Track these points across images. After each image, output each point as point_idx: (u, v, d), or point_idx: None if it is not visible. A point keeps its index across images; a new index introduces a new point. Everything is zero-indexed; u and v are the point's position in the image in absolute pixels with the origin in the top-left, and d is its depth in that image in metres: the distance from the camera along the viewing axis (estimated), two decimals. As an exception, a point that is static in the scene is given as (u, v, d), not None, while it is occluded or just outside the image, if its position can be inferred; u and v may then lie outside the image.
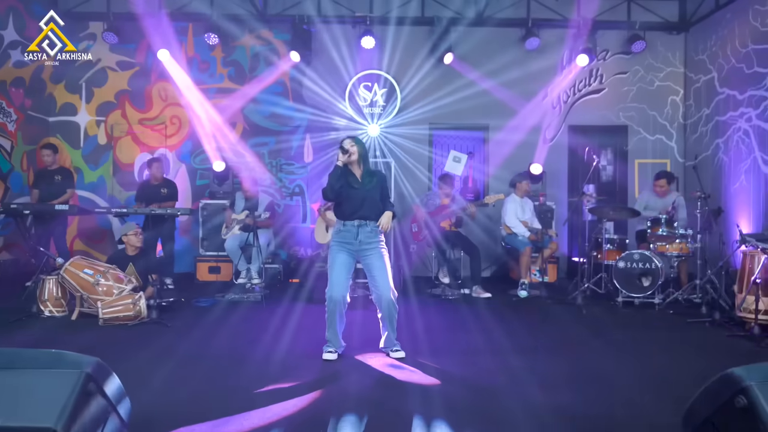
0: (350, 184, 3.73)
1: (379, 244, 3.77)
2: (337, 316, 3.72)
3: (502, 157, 7.61)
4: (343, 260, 3.74)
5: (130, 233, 5.40)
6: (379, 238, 3.77)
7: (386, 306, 3.73)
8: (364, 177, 3.77)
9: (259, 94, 7.90)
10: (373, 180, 3.76)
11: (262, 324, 4.75)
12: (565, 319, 5.09)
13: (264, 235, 6.28)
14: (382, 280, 3.72)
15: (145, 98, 7.98)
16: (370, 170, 3.82)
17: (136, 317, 4.65)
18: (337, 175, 3.69)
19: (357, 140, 3.80)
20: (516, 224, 6.47)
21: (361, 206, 3.71)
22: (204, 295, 6.04)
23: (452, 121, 7.83)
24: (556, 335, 4.57)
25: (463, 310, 5.47)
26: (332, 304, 3.70)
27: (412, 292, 6.43)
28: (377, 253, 3.74)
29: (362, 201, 3.71)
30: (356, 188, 3.73)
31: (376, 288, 3.76)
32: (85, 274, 4.80)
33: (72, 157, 8.02)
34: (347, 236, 3.76)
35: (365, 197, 3.72)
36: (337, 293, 3.69)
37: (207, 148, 7.70)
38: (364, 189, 3.73)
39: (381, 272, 3.72)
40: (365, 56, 7.81)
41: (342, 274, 3.72)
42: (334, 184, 3.69)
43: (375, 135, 7.82)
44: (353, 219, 3.74)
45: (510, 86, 7.63)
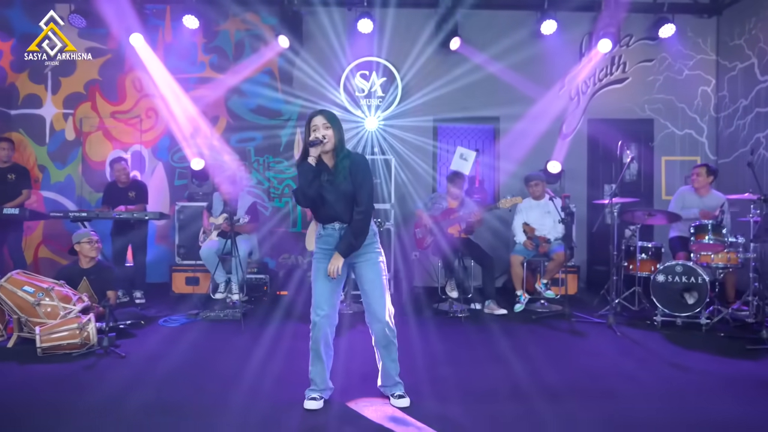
0: (324, 182, 2.91)
1: (372, 250, 2.96)
2: (323, 347, 2.94)
3: (515, 153, 6.81)
4: (324, 273, 2.94)
5: (84, 241, 4.61)
6: (369, 241, 2.95)
7: (380, 332, 2.95)
8: (337, 166, 2.91)
9: (244, 85, 7.10)
10: (346, 166, 2.88)
11: (238, 353, 3.94)
12: (597, 345, 4.29)
13: (245, 243, 5.48)
14: (375, 298, 2.93)
15: (117, 89, 7.17)
16: (346, 153, 2.92)
17: (84, 345, 3.84)
18: (310, 177, 2.85)
19: (330, 117, 2.89)
20: (516, 230, 5.73)
21: (336, 206, 2.90)
22: (176, 311, 5.25)
23: (459, 114, 7.03)
24: (592, 368, 3.76)
25: (475, 333, 4.67)
26: (316, 330, 2.92)
27: (416, 307, 5.64)
28: (368, 262, 2.95)
29: (337, 200, 2.90)
30: (331, 184, 2.91)
31: (367, 307, 2.98)
32: (24, 292, 4.00)
33: (37, 155, 7.21)
34: (329, 242, 2.97)
35: (340, 194, 2.89)
36: (320, 317, 2.90)
37: (184, 145, 6.89)
38: (338, 183, 2.89)
39: (373, 287, 2.93)
40: (362, 42, 7.01)
41: (326, 290, 2.93)
42: (306, 190, 2.86)
43: (373, 129, 7.02)
44: (332, 222, 2.95)
45: (523, 75, 6.84)
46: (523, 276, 5.56)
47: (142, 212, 5.31)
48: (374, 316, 2.94)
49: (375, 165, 6.62)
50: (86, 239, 4.59)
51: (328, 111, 2.94)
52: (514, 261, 5.56)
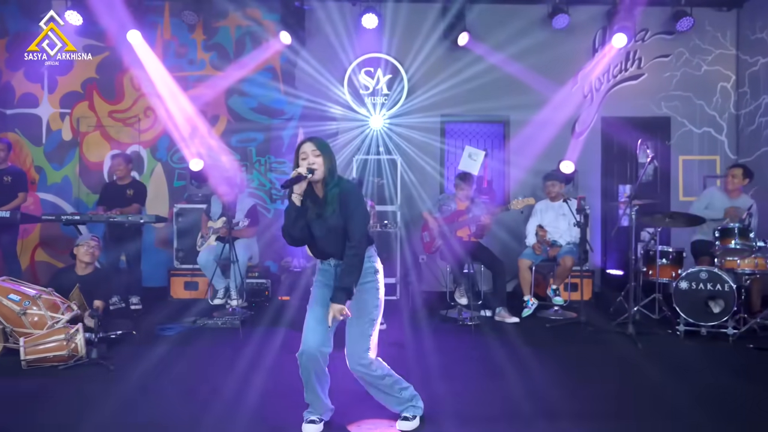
0: (311, 218, 2.64)
1: (366, 289, 2.65)
2: (314, 376, 2.64)
3: (526, 153, 6.54)
4: (323, 297, 2.67)
5: (81, 244, 4.39)
6: (368, 279, 2.65)
7: (355, 371, 2.67)
8: (327, 196, 2.60)
9: (245, 83, 6.87)
10: (335, 194, 2.58)
11: (233, 366, 3.71)
12: (617, 356, 4.02)
13: (244, 247, 5.25)
14: (349, 340, 2.65)
15: (115, 88, 6.97)
16: (336, 182, 2.61)
17: (72, 357, 3.62)
18: (293, 216, 2.58)
19: (321, 145, 2.59)
20: (528, 232, 5.53)
21: (328, 242, 2.65)
22: (173, 318, 5.03)
23: (467, 113, 6.77)
24: (612, 383, 3.50)
25: (486, 342, 4.41)
26: (303, 359, 2.61)
27: (423, 314, 5.40)
28: (357, 299, 2.63)
29: (327, 236, 2.64)
30: (319, 218, 2.62)
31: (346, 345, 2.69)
32: (10, 300, 3.79)
33: (33, 156, 7.02)
34: (328, 276, 2.73)
35: (330, 230, 2.61)
36: (308, 346, 2.59)
37: (182, 145, 6.68)
38: (326, 218, 2.60)
39: (350, 328, 2.65)
40: (367, 38, 6.76)
41: (319, 315, 2.63)
42: (291, 231, 2.61)
43: (378, 127, 6.77)
44: (327, 258, 2.72)
45: (534, 72, 6.56)
46: (531, 280, 5.30)
47: (137, 215, 5.09)
48: (347, 357, 2.66)
49: (380, 165, 6.39)
50: (84, 242, 4.37)
51: (318, 138, 2.64)
52: (522, 265, 5.31)
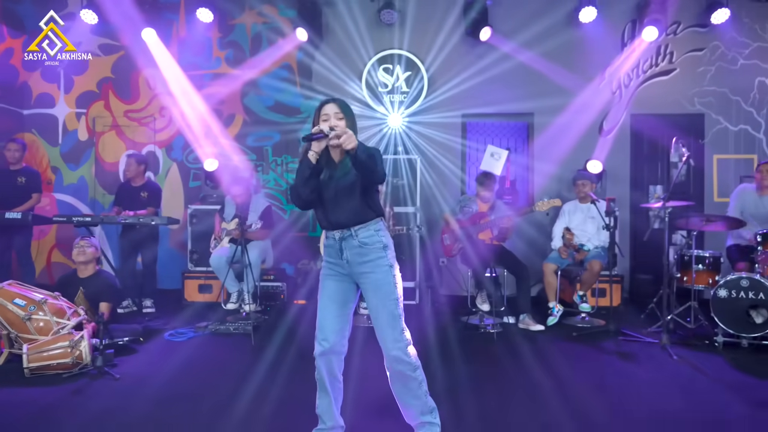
0: (324, 179, 2.46)
1: (377, 267, 2.44)
2: (328, 379, 2.48)
3: (551, 152, 6.27)
4: (332, 290, 2.51)
5: (82, 242, 4.27)
6: (377, 255, 2.44)
7: (390, 369, 2.47)
8: (344, 161, 2.45)
9: (261, 80, 6.73)
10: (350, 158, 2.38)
11: (242, 376, 3.53)
12: (650, 370, 3.74)
13: (256, 249, 5.09)
14: (379, 329, 2.45)
15: (131, 87, 6.89)
16: None
17: (76, 365, 3.49)
18: (306, 174, 2.39)
19: (344, 106, 2.46)
20: (555, 235, 5.27)
21: (336, 207, 2.46)
22: (185, 323, 4.90)
23: (489, 110, 6.50)
24: (645, 400, 3.23)
25: (508, 352, 4.16)
26: (318, 359, 2.46)
27: (442, 320, 5.17)
28: (373, 284, 2.44)
29: (335, 198, 2.45)
30: (330, 181, 2.45)
31: (375, 331, 2.48)
32: (15, 305, 3.67)
33: (50, 156, 6.98)
34: (332, 253, 2.53)
35: (339, 190, 2.44)
36: (322, 344, 2.44)
37: (195, 145, 6.56)
38: (337, 178, 2.44)
39: (377, 315, 2.45)
40: (384, 33, 6.56)
41: (330, 312, 2.47)
42: (300, 189, 2.41)
43: (396, 126, 6.56)
44: (331, 229, 2.51)
45: (560, 67, 6.28)
46: (556, 286, 5.04)
47: (149, 217, 4.97)
48: (381, 345, 2.47)
49: (399, 165, 6.18)
50: (76, 245, 4.25)
51: (341, 99, 2.51)
52: (547, 269, 5.05)
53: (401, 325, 2.46)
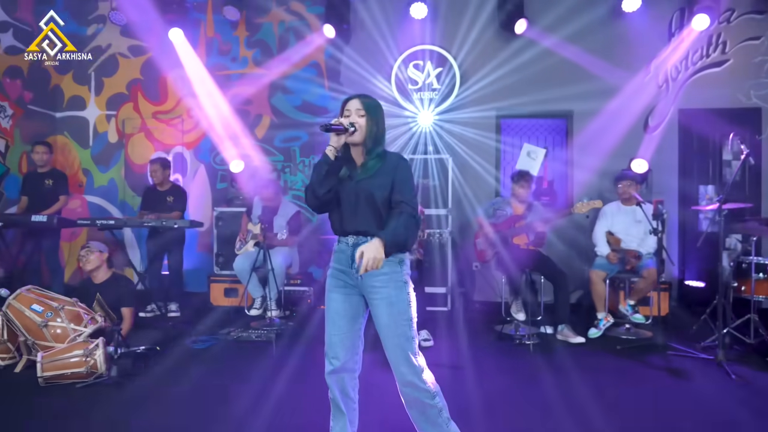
0: (343, 178, 2.26)
1: (390, 282, 2.20)
2: (341, 399, 2.27)
3: (592, 150, 5.88)
4: (340, 304, 2.27)
5: (82, 251, 4.19)
6: (392, 268, 2.19)
7: (405, 395, 2.22)
8: (366, 163, 2.26)
9: (288, 80, 6.58)
10: (377, 165, 2.23)
11: (258, 388, 3.35)
12: (705, 391, 3.38)
13: (281, 254, 4.92)
14: (389, 351, 2.20)
15: (159, 88, 6.85)
16: (380, 152, 2.27)
17: (91, 374, 3.38)
18: (323, 172, 2.19)
19: (369, 104, 2.26)
20: (598, 240, 4.90)
21: (354, 211, 2.23)
22: (209, 329, 4.76)
23: (526, 107, 6.15)
24: (701, 428, 2.89)
25: (546, 365, 3.85)
26: (329, 378, 2.26)
27: (475, 329, 4.90)
28: (383, 301, 2.18)
29: (355, 202, 2.23)
30: (350, 182, 2.25)
31: (386, 355, 2.23)
32: (32, 311, 3.59)
33: (81, 158, 7.01)
34: (342, 260, 2.29)
35: (361, 194, 2.22)
36: (332, 362, 2.24)
37: (221, 146, 6.46)
38: (359, 180, 2.24)
39: (387, 335, 2.19)
40: (415, 29, 6.30)
41: (339, 328, 2.25)
42: (317, 188, 2.20)
43: (427, 125, 6.29)
44: (346, 234, 2.28)
45: (602, 60, 5.88)
46: (605, 295, 4.69)
47: (171, 220, 4.87)
48: (394, 372, 2.22)
49: (429, 165, 5.92)
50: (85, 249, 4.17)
51: (368, 97, 2.32)
52: (595, 278, 4.70)
53: (415, 349, 2.22)
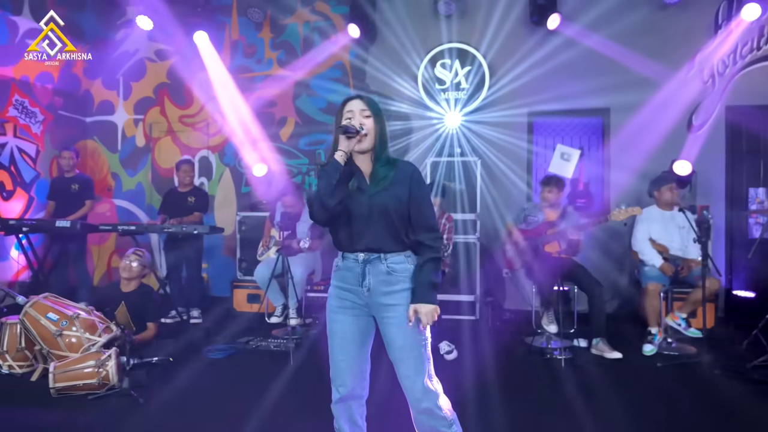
0: (352, 190, 2.05)
1: (404, 297, 2.03)
2: (348, 428, 2.10)
3: (631, 152, 5.55)
4: (347, 327, 2.08)
5: (131, 254, 4.13)
6: (405, 285, 2.04)
7: (418, 422, 2.05)
8: (377, 174, 2.07)
9: (313, 81, 6.47)
10: (389, 175, 2.04)
11: (272, 403, 3.21)
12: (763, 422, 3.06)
13: (303, 262, 4.77)
14: (405, 373, 2.01)
15: (185, 92, 6.83)
16: (388, 159, 2.09)
17: (103, 386, 3.30)
18: (334, 180, 1.96)
19: (371, 104, 2.09)
20: (645, 248, 4.48)
21: (366, 226, 2.03)
22: (229, 336, 4.66)
23: (559, 106, 5.86)
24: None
25: (578, 384, 3.58)
26: (336, 407, 2.10)
27: (504, 340, 4.66)
28: (396, 319, 2.02)
29: (368, 216, 2.03)
30: (361, 194, 2.05)
31: (400, 379, 2.06)
32: (48, 320, 3.55)
33: (109, 162, 7.07)
34: (348, 278, 2.09)
35: (374, 209, 2.03)
36: (339, 390, 2.07)
37: (243, 150, 6.39)
38: (372, 193, 2.04)
39: (402, 357, 2.02)
40: (442, 26, 6.08)
41: (347, 354, 2.06)
42: (327, 199, 1.96)
43: (454, 126, 6.06)
44: (355, 250, 2.07)
45: (641, 55, 5.53)
46: (660, 309, 4.33)
47: (191, 225, 4.80)
48: (408, 396, 2.04)
49: (457, 168, 5.70)
50: (125, 257, 4.11)
51: (368, 96, 2.13)
52: (652, 291, 4.29)
53: (431, 372, 2.04)
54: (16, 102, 6.05)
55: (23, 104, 6.14)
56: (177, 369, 3.80)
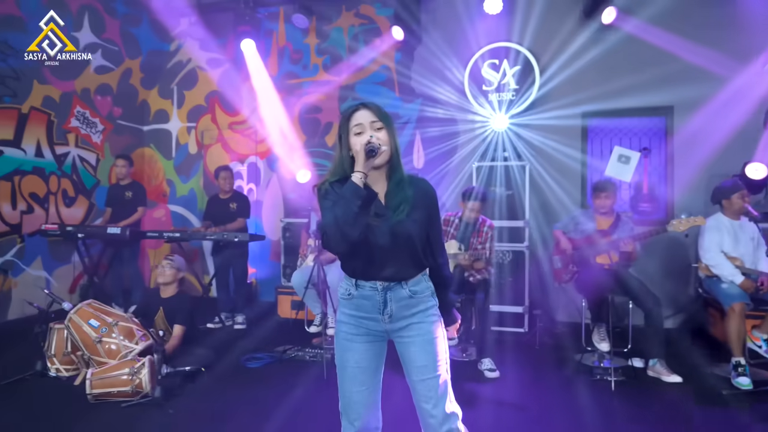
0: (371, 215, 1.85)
1: (427, 314, 1.91)
2: None
3: (697, 153, 5.11)
4: (361, 355, 1.93)
5: (164, 261, 4.19)
6: (426, 304, 1.92)
7: None
8: (392, 193, 1.90)
9: (359, 85, 6.40)
10: (407, 195, 1.87)
11: (305, 417, 3.14)
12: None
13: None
14: (424, 395, 1.87)
15: (235, 99, 6.94)
16: (403, 176, 1.91)
17: (136, 393, 3.34)
18: (355, 206, 1.73)
19: (381, 113, 1.88)
20: (720, 262, 4.02)
21: (390, 256, 1.87)
22: (269, 344, 4.65)
23: (617, 105, 5.49)
24: None
25: (632, 411, 3.29)
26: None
27: (551, 356, 4.39)
28: (423, 332, 1.89)
29: (393, 245, 1.86)
30: (381, 220, 1.87)
31: (417, 405, 1.92)
32: (89, 326, 3.64)
33: (165, 169, 7.30)
34: (366, 307, 1.93)
35: (399, 236, 1.86)
36: (354, 424, 1.93)
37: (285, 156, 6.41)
38: (395, 222, 1.86)
39: (422, 376, 1.87)
40: (490, 25, 5.85)
41: (361, 384, 1.92)
42: (349, 229, 1.74)
43: (502, 129, 5.80)
44: (374, 279, 1.91)
45: (707, 48, 5.07)
46: (744, 332, 3.91)
47: (231, 233, 4.84)
48: (427, 423, 1.89)
49: (504, 173, 5.45)
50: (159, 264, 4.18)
51: (376, 105, 1.92)
52: (737, 311, 3.77)
53: (450, 394, 1.91)
54: (77, 113, 6.34)
55: (84, 115, 6.43)
56: (211, 378, 3.81)
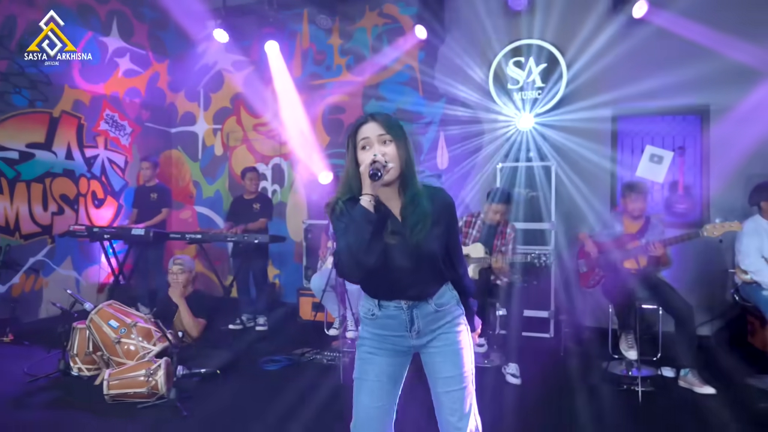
0: (387, 234, 1.75)
1: (453, 324, 1.85)
2: None
3: (734, 152, 4.87)
4: (383, 367, 1.85)
5: (174, 267, 4.21)
6: (453, 314, 1.86)
7: None
8: (408, 209, 1.78)
9: (382, 86, 6.34)
10: (425, 211, 1.74)
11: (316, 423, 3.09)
12: None
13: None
14: (450, 408, 1.81)
15: (259, 101, 6.97)
16: (417, 190, 1.77)
17: (152, 395, 3.35)
18: (369, 232, 1.64)
19: (390, 124, 1.75)
20: (760, 268, 3.80)
21: (413, 276, 1.78)
22: (289, 346, 4.62)
23: (648, 103, 5.27)
24: None
25: (663, 425, 3.12)
26: None
27: (577, 363, 4.23)
28: (451, 341, 1.83)
29: (414, 264, 1.76)
30: (399, 239, 1.75)
31: (439, 417, 1.86)
32: (109, 327, 3.68)
33: (191, 171, 7.39)
34: (392, 326, 1.84)
35: (420, 255, 1.76)
36: None
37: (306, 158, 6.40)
38: (415, 241, 1.74)
39: (448, 388, 1.81)
40: (515, 22, 5.70)
41: (378, 398, 1.83)
42: (363, 257, 1.65)
43: (527, 128, 5.64)
44: (398, 298, 1.83)
45: (744, 41, 4.79)
46: None
47: (252, 235, 4.85)
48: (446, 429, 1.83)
49: (530, 173, 5.31)
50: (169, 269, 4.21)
51: (385, 115, 1.79)
52: None
53: (472, 406, 1.85)
54: (107, 116, 6.47)
55: (113, 118, 6.56)
56: (228, 380, 3.80)
